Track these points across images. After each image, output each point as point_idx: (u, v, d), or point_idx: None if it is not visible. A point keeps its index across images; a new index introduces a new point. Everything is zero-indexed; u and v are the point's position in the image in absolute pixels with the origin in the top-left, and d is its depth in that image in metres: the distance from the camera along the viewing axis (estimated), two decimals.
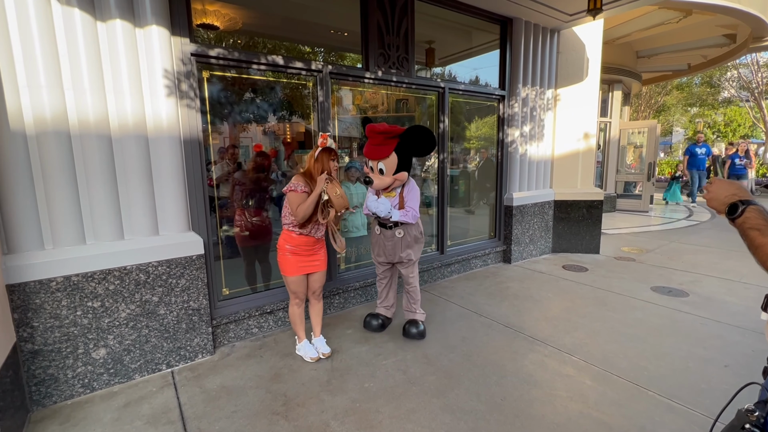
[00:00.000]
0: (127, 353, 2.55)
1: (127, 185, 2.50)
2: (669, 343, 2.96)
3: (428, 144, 2.86)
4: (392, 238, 3.02)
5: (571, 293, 4.03)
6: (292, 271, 2.70)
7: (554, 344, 2.97)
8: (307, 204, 2.52)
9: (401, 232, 3.00)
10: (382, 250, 3.10)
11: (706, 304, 3.68)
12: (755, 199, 1.03)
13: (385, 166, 2.85)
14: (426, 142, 2.85)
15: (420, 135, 2.83)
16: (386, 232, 3.04)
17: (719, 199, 1.08)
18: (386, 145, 2.82)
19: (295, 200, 2.56)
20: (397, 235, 3.00)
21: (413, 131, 2.82)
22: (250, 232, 3.48)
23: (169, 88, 2.56)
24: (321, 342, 2.93)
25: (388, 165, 2.84)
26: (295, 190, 2.55)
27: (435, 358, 2.80)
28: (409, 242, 3.02)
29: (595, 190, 5.50)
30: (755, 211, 0.99)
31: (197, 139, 2.78)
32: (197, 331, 2.81)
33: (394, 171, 2.85)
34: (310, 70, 3.31)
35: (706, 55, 10.01)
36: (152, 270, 2.58)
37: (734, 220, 1.03)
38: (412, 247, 3.04)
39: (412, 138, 2.83)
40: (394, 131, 2.83)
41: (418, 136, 2.83)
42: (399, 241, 3.01)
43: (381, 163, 2.85)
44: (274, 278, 3.47)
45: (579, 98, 5.38)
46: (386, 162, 2.84)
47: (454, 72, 5.40)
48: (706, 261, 5.10)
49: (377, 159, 2.85)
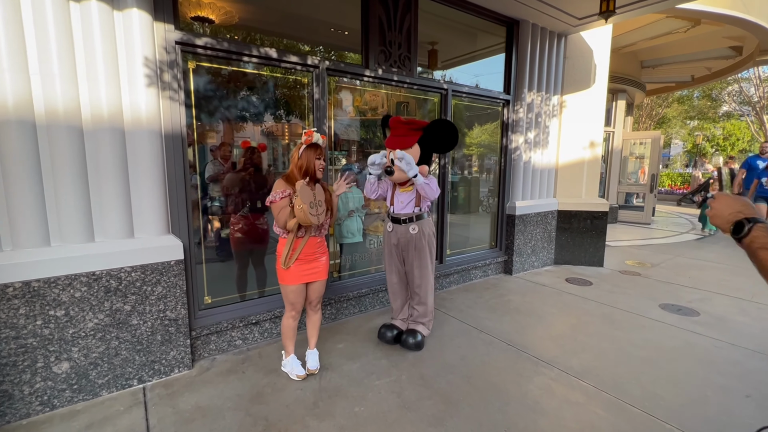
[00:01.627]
0: (93, 367, 2.31)
1: (99, 182, 2.27)
2: (684, 368, 2.75)
3: (451, 138, 2.73)
4: (405, 234, 2.86)
5: (576, 309, 3.82)
6: (291, 279, 2.47)
7: (561, 366, 2.75)
8: (285, 213, 2.33)
9: (415, 228, 2.84)
10: (393, 251, 2.95)
11: (719, 325, 3.48)
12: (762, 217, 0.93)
13: None
14: (449, 136, 2.72)
15: (444, 128, 2.72)
16: (399, 227, 2.87)
17: (723, 216, 0.99)
18: (409, 136, 2.71)
19: (276, 210, 2.38)
20: (411, 231, 2.84)
21: (438, 124, 2.72)
22: (243, 234, 3.25)
23: (149, 78, 2.35)
24: (314, 356, 2.71)
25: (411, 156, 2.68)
26: (274, 200, 2.35)
27: (432, 380, 2.58)
28: (422, 243, 2.85)
29: (600, 200, 5.31)
30: (763, 229, 0.91)
31: (180, 134, 2.56)
32: (174, 344, 2.58)
33: (415, 163, 2.68)
34: (306, 65, 3.10)
35: (711, 67, 9.92)
36: (125, 276, 2.35)
37: (740, 239, 0.94)
38: (424, 249, 2.87)
39: (436, 131, 2.71)
40: (418, 123, 2.74)
41: (442, 129, 2.71)
42: (412, 239, 2.85)
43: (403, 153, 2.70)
44: (269, 284, 3.24)
45: (585, 105, 5.21)
46: (408, 153, 2.68)
47: (456, 76, 5.22)
48: (713, 277, 4.91)
49: (399, 148, 2.70)
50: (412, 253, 2.88)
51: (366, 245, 3.93)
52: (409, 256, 2.90)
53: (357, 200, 3.79)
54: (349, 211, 3.73)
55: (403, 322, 3.10)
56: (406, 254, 2.91)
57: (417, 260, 2.88)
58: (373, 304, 3.73)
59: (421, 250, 2.87)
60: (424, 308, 2.99)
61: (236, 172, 3.24)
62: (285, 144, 3.62)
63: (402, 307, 3.11)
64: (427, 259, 2.90)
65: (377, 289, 3.70)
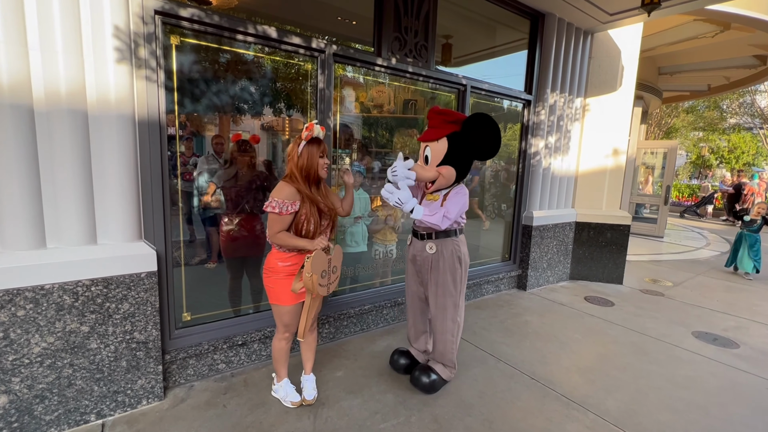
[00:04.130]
0: (39, 401, 1.90)
1: (54, 175, 1.86)
2: (737, 416, 2.36)
3: (492, 140, 2.16)
4: (422, 252, 2.38)
5: (602, 335, 3.42)
6: (288, 298, 2.08)
7: (595, 410, 2.36)
8: (290, 243, 2.00)
9: (432, 247, 2.33)
10: (411, 269, 2.51)
11: (765, 360, 3.10)
12: None
13: (431, 151, 2.22)
14: (490, 136, 2.15)
15: (484, 125, 2.14)
16: (416, 243, 2.42)
17: None
18: (441, 128, 2.20)
19: (275, 224, 1.98)
20: (427, 251, 2.35)
21: (477, 119, 2.14)
22: (236, 240, 2.84)
23: (120, 52, 1.94)
24: (310, 382, 2.35)
25: (435, 151, 2.21)
26: (282, 212, 1.95)
27: (447, 423, 2.17)
28: (441, 268, 2.34)
29: (622, 213, 4.92)
30: None
31: (158, 122, 2.15)
32: (142, 371, 2.16)
33: (440, 161, 2.20)
34: (310, 49, 2.70)
35: (729, 76, 9.56)
36: (83, 291, 1.94)
37: None
38: (443, 275, 2.34)
39: (474, 128, 2.14)
40: (455, 115, 2.22)
41: (481, 125, 2.13)
42: (428, 260, 2.36)
43: (428, 148, 2.23)
44: (264, 299, 2.82)
45: (610, 110, 4.82)
46: (434, 147, 2.21)
47: (471, 74, 4.83)
48: (743, 301, 4.53)
49: (427, 140, 2.24)
50: (427, 277, 2.40)
51: (371, 255, 3.52)
52: (425, 280, 2.42)
53: (363, 205, 3.39)
54: (355, 218, 3.32)
55: (419, 354, 2.66)
56: (422, 276, 2.44)
57: (433, 287, 2.38)
58: (376, 322, 3.33)
59: (439, 275, 2.35)
60: (440, 348, 2.45)
61: (226, 169, 2.83)
62: (285, 140, 3.21)
63: (417, 338, 2.66)
64: (447, 288, 2.34)
65: (381, 306, 3.29)
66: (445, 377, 2.47)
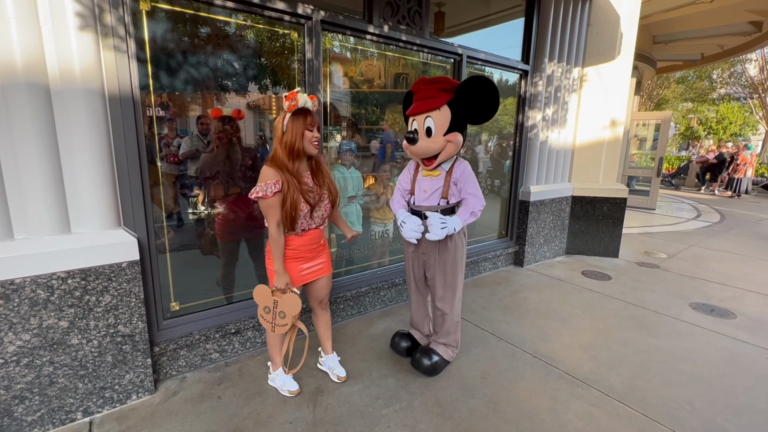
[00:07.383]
0: (18, 402, 1.78)
1: (16, 158, 1.67)
2: (740, 388, 2.35)
3: (490, 101, 2.02)
4: None
5: (602, 310, 3.39)
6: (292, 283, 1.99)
7: (599, 386, 2.32)
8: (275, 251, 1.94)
9: None
10: (410, 254, 2.40)
11: (762, 329, 3.10)
12: None
13: (435, 121, 2.04)
14: (488, 97, 2.01)
15: (481, 87, 2.00)
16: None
17: None
18: (439, 96, 2.04)
19: (269, 212, 1.85)
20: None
21: (474, 81, 1.99)
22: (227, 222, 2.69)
23: (83, 18, 1.72)
24: (334, 361, 2.35)
25: (438, 121, 2.03)
26: (266, 195, 1.79)
27: (451, 406, 2.12)
28: (448, 248, 2.23)
29: (619, 186, 4.85)
30: None
31: (131, 97, 1.95)
32: (130, 365, 2.05)
33: (445, 131, 2.05)
34: (295, 15, 2.48)
35: (723, 44, 9.43)
36: (58, 284, 1.79)
37: None
38: (451, 255, 2.25)
39: (471, 91, 2.00)
40: (449, 81, 2.07)
41: (478, 87, 1.99)
42: (434, 242, 2.22)
43: (429, 119, 2.05)
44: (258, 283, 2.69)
45: (608, 79, 4.67)
46: (436, 116, 2.03)
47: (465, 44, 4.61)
48: (737, 271, 4.55)
49: (425, 111, 2.06)
50: (434, 258, 2.28)
51: (367, 235, 3.40)
52: (431, 263, 2.30)
53: (357, 184, 3.24)
54: (349, 197, 3.18)
55: (422, 337, 2.59)
56: (427, 259, 2.32)
57: (441, 268, 2.28)
58: (373, 303, 3.24)
59: (447, 256, 2.25)
60: (446, 328, 2.39)
61: (209, 151, 2.64)
62: (272, 119, 3.01)
63: (421, 322, 2.58)
64: (456, 268, 2.28)
65: (379, 287, 3.20)
66: (447, 358, 2.42)
